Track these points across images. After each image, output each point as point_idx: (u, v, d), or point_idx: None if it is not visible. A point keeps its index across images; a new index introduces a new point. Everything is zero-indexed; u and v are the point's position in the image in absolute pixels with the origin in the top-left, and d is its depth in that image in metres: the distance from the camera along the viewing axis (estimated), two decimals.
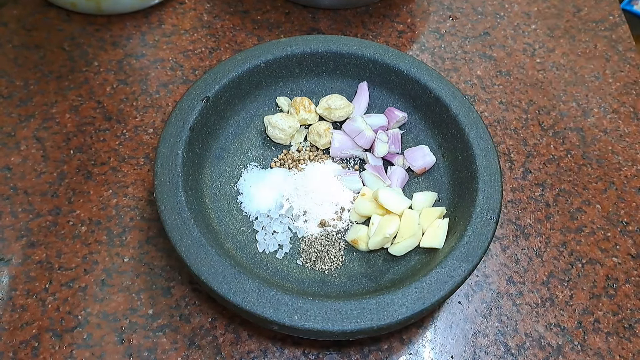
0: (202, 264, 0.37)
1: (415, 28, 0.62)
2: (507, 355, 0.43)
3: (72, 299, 0.43)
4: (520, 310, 0.45)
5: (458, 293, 0.46)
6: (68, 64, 0.56)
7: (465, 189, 0.43)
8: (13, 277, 0.44)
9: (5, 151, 0.50)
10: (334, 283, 0.41)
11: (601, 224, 0.50)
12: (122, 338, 0.42)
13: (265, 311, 0.36)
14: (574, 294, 0.46)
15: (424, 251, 0.42)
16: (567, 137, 0.55)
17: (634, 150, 0.55)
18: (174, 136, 0.42)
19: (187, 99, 0.44)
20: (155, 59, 0.57)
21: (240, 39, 0.59)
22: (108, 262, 0.45)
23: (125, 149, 0.51)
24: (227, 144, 0.47)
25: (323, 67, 0.49)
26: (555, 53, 0.62)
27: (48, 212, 0.47)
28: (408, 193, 0.46)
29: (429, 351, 0.43)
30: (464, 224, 0.41)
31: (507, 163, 0.53)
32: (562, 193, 0.51)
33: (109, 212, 0.47)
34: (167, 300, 0.43)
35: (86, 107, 0.53)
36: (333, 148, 0.48)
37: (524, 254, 0.48)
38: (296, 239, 0.44)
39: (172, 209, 0.39)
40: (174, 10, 0.61)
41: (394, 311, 0.36)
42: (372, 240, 0.41)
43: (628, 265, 0.48)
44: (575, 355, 0.43)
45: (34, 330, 0.42)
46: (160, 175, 0.40)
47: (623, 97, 0.58)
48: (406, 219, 0.42)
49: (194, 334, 0.42)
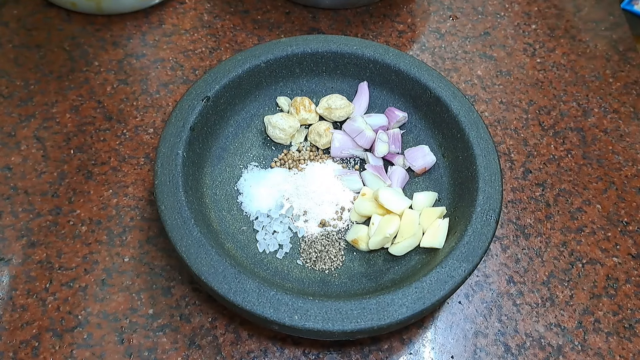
0: (203, 263, 0.37)
1: (416, 28, 0.62)
2: (507, 355, 0.43)
3: (73, 298, 0.43)
4: (521, 310, 0.45)
5: (458, 293, 0.46)
6: (68, 63, 0.56)
7: (466, 189, 0.43)
8: (13, 277, 0.44)
9: (5, 151, 0.50)
10: (334, 283, 0.41)
11: (601, 224, 0.50)
12: (122, 338, 0.42)
13: (266, 311, 0.36)
14: (574, 294, 0.46)
15: (424, 251, 0.42)
16: (567, 137, 0.55)
17: (634, 150, 0.55)
18: (174, 136, 0.42)
19: (188, 98, 0.44)
20: (155, 58, 0.57)
21: (241, 39, 0.59)
22: (108, 262, 0.45)
23: (126, 149, 0.51)
24: (228, 144, 0.47)
25: (323, 67, 0.49)
26: (556, 53, 0.62)
27: (48, 211, 0.47)
28: (408, 193, 0.46)
29: (429, 351, 0.43)
30: (464, 224, 0.41)
31: (508, 163, 0.53)
32: (562, 193, 0.51)
33: (109, 211, 0.47)
34: (168, 300, 0.44)
35: (86, 107, 0.53)
36: (333, 148, 0.48)
37: (524, 253, 0.48)
38: (296, 239, 0.44)
39: (173, 208, 0.39)
40: (174, 10, 0.61)
41: (394, 311, 0.36)
42: (373, 240, 0.41)
43: (628, 265, 0.48)
44: (575, 355, 0.43)
45: (34, 330, 0.42)
46: (161, 175, 0.40)
47: (623, 97, 0.58)
48: (407, 219, 0.42)
49: (194, 333, 0.42)
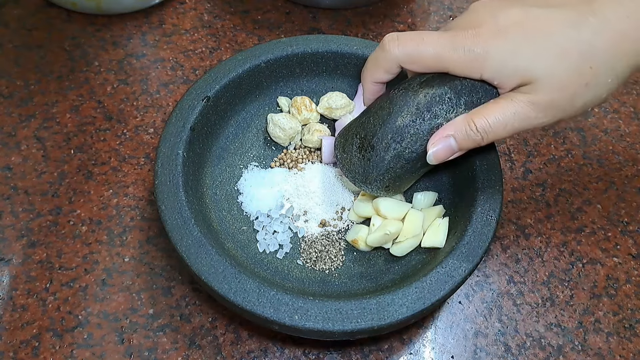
0: (203, 263, 0.37)
1: (416, 28, 0.62)
2: (507, 355, 0.43)
3: (73, 298, 0.43)
4: (521, 310, 0.45)
5: (458, 293, 0.46)
6: (69, 63, 0.56)
7: (466, 188, 0.43)
8: (14, 277, 0.44)
9: (5, 151, 0.50)
10: (335, 283, 0.41)
11: (602, 224, 0.50)
12: (122, 338, 0.42)
13: (266, 311, 0.36)
14: (574, 294, 0.46)
15: (424, 251, 0.42)
16: (567, 137, 0.55)
17: (635, 150, 0.55)
18: (174, 136, 0.42)
19: (188, 98, 0.44)
20: (155, 58, 0.57)
21: (241, 39, 0.59)
22: (108, 262, 0.45)
23: (126, 149, 0.51)
24: (228, 144, 0.47)
25: (323, 66, 0.49)
26: None
27: (48, 211, 0.47)
28: (408, 193, 0.46)
29: (430, 351, 0.43)
30: (464, 223, 0.41)
31: (508, 163, 0.53)
32: (562, 193, 0.51)
33: (109, 211, 0.47)
34: (168, 300, 0.44)
35: (87, 107, 0.53)
36: (324, 155, 0.47)
37: (524, 253, 0.48)
38: (296, 239, 0.44)
39: (173, 208, 0.39)
40: (174, 10, 0.61)
41: (394, 311, 0.36)
42: (372, 236, 0.41)
43: (628, 265, 0.48)
44: (575, 355, 0.43)
45: (35, 330, 0.42)
46: (161, 175, 0.40)
47: (623, 96, 0.58)
48: (411, 219, 0.42)
49: (195, 333, 0.42)
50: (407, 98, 0.38)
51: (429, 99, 0.38)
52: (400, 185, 0.42)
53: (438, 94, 0.38)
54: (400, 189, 0.43)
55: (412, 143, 0.38)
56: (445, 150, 0.38)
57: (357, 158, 0.41)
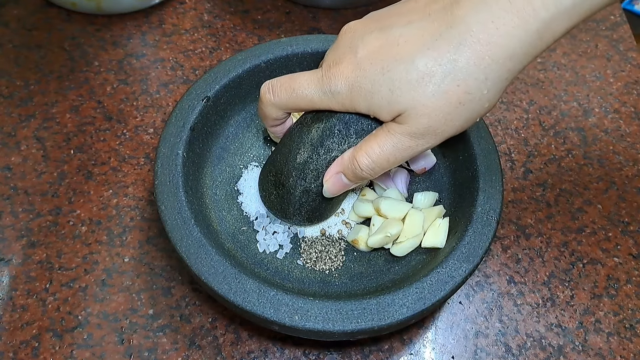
0: (203, 264, 0.37)
1: None
2: (508, 356, 0.43)
3: (73, 299, 0.43)
4: (521, 310, 0.45)
5: (459, 293, 0.45)
6: (68, 63, 0.56)
7: (466, 189, 0.43)
8: (13, 277, 0.44)
9: (5, 151, 0.50)
10: (335, 283, 0.41)
11: (602, 224, 0.50)
12: (122, 338, 0.42)
13: (266, 311, 0.36)
14: (575, 294, 0.46)
15: (424, 251, 0.42)
16: (568, 137, 0.55)
17: (635, 150, 0.55)
18: (174, 136, 0.42)
19: (188, 98, 0.44)
20: (155, 58, 0.57)
21: (241, 39, 0.59)
22: (108, 262, 0.45)
23: (126, 149, 0.51)
24: (228, 144, 0.47)
25: None
26: (556, 53, 0.61)
27: (48, 212, 0.47)
28: (408, 193, 0.46)
29: (430, 351, 0.43)
30: (464, 224, 0.41)
31: (508, 163, 0.53)
32: (563, 193, 0.51)
33: (109, 212, 0.47)
34: (168, 300, 0.43)
35: (86, 107, 0.53)
36: None
37: (525, 254, 0.48)
38: (296, 239, 0.44)
39: (173, 209, 0.39)
40: (174, 10, 0.61)
41: (394, 311, 0.36)
42: (372, 238, 0.41)
43: (629, 266, 0.48)
44: (576, 355, 0.43)
45: (34, 330, 0.42)
46: (161, 175, 0.40)
47: (624, 96, 0.58)
48: (411, 219, 0.42)
49: (195, 334, 0.42)
50: (302, 134, 0.39)
51: (320, 133, 0.38)
52: (322, 214, 0.42)
53: (328, 127, 0.37)
54: (324, 217, 0.43)
55: (315, 178, 0.39)
56: (339, 186, 0.38)
57: (274, 195, 0.41)
